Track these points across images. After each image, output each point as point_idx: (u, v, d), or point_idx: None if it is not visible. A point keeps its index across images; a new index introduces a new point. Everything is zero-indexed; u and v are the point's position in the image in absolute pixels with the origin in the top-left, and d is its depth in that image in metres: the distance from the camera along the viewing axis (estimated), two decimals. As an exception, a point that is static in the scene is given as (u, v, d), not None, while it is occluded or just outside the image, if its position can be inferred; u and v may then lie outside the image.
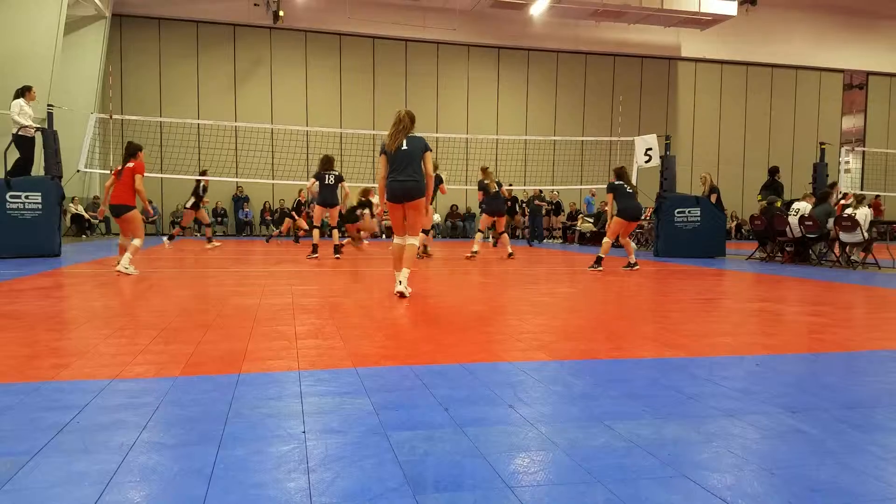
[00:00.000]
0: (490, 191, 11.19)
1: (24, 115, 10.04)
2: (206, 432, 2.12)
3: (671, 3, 21.19)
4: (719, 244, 12.57)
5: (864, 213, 10.16)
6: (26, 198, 9.65)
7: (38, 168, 11.01)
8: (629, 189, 9.12)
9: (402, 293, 5.64)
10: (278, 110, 21.72)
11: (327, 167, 10.55)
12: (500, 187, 11.38)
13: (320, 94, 22.23)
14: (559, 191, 20.67)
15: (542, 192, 19.04)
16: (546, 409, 2.47)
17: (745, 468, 1.89)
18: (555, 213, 20.25)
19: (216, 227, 20.65)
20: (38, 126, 10.38)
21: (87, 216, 18.42)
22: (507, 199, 15.78)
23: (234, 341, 3.64)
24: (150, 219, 20.56)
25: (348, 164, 16.19)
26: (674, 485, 1.76)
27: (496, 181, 11.37)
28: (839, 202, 12.11)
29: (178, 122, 16.70)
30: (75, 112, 14.31)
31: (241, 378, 2.82)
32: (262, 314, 4.61)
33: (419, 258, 10.93)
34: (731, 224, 23.66)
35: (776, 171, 13.06)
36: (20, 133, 10.04)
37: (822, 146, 13.67)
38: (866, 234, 10.07)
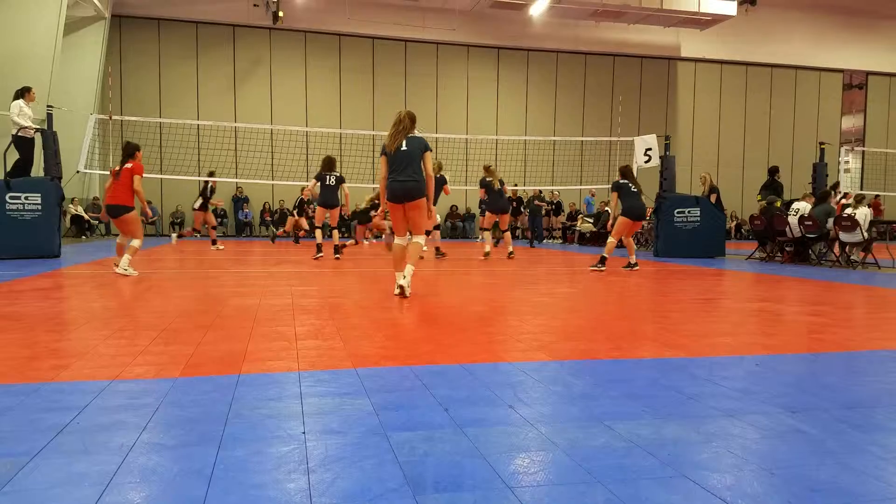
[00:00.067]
0: (493, 187, 11.17)
1: (24, 116, 10.03)
2: (206, 433, 2.12)
3: (671, 4, 21.21)
4: (719, 244, 12.57)
5: (863, 213, 10.16)
6: (26, 199, 9.65)
7: (37, 169, 11.00)
8: (634, 188, 9.04)
9: (403, 288, 5.64)
10: (278, 111, 21.72)
11: (328, 168, 10.54)
12: (502, 185, 11.37)
13: (320, 95, 22.23)
14: (559, 191, 20.67)
15: (541, 192, 19.05)
16: (546, 409, 2.47)
17: (745, 468, 1.89)
18: (555, 213, 20.25)
19: (204, 226, 20.59)
20: (38, 127, 10.37)
21: (86, 217, 18.42)
22: (513, 199, 15.86)
23: (234, 342, 3.63)
24: (150, 220, 20.57)
25: (348, 165, 16.19)
26: (674, 485, 1.76)
27: (499, 179, 11.35)
28: (840, 201, 12.11)
29: (177, 122, 16.71)
30: (75, 113, 14.31)
31: (240, 379, 2.82)
32: (261, 315, 4.61)
33: (438, 258, 10.97)
34: (731, 224, 23.67)
35: (776, 170, 13.07)
36: (20, 134, 10.04)
37: (822, 146, 13.67)
38: (866, 234, 10.07)
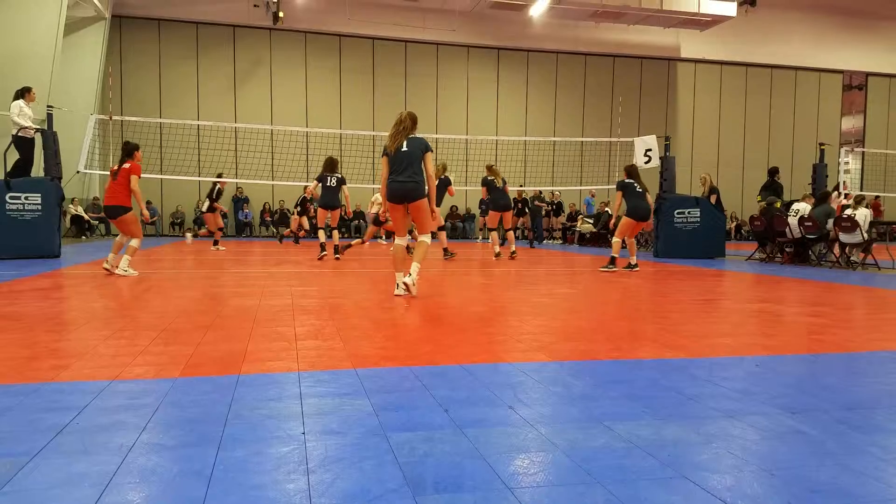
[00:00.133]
0: (496, 185, 11.15)
1: (24, 116, 10.03)
2: (206, 433, 2.12)
3: (670, 4, 21.21)
4: (719, 245, 12.57)
5: (863, 214, 10.16)
6: (26, 199, 9.65)
7: (37, 169, 11.01)
8: (639, 189, 8.96)
9: (408, 286, 5.65)
10: (278, 111, 21.73)
11: (330, 169, 10.54)
12: (504, 184, 11.36)
13: (320, 95, 22.24)
14: (559, 192, 20.67)
15: (541, 192, 19.05)
16: (546, 410, 2.47)
17: (745, 469, 1.89)
18: (555, 213, 20.25)
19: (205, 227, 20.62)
20: (38, 127, 10.38)
21: (86, 217, 18.41)
22: (518, 199, 15.87)
23: (234, 342, 3.63)
24: (150, 221, 20.56)
25: (348, 165, 16.20)
26: (674, 486, 1.76)
27: (502, 178, 11.34)
28: (842, 200, 12.10)
29: (177, 123, 16.72)
30: (75, 113, 14.32)
31: (240, 379, 2.81)
32: (261, 315, 4.61)
33: (447, 259, 10.99)
34: (731, 225, 23.67)
35: (776, 171, 13.07)
36: (20, 134, 10.04)
37: (822, 147, 13.68)
38: (866, 235, 10.07)
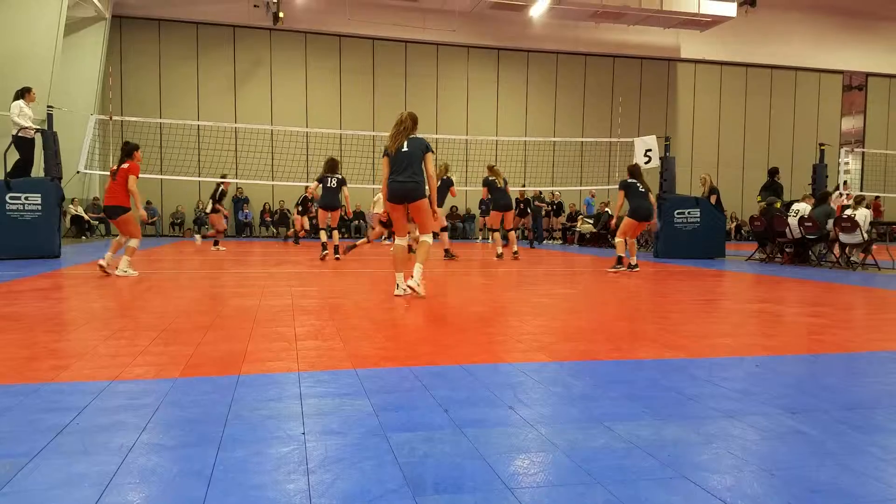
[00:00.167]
0: (497, 185, 11.15)
1: (24, 116, 10.03)
2: (206, 434, 2.12)
3: (670, 5, 21.21)
4: (719, 245, 12.57)
5: (863, 215, 10.16)
6: (26, 199, 9.66)
7: (37, 169, 11.01)
8: (642, 188, 8.91)
9: (413, 288, 5.68)
10: (278, 112, 21.73)
11: (330, 170, 10.53)
12: (505, 184, 11.36)
13: (320, 96, 22.23)
14: (560, 192, 20.67)
15: (541, 193, 19.04)
16: (546, 410, 2.47)
17: (745, 469, 1.89)
18: (555, 213, 20.26)
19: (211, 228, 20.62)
20: (38, 127, 10.38)
21: (86, 217, 18.42)
22: (521, 200, 15.88)
23: (234, 342, 3.63)
24: (150, 221, 20.58)
25: (348, 166, 16.20)
26: (674, 486, 1.76)
27: (503, 178, 11.34)
28: (843, 200, 12.09)
29: (177, 123, 16.72)
30: (75, 113, 14.32)
31: (240, 379, 2.81)
32: (261, 315, 4.61)
33: (447, 259, 10.97)
34: (731, 225, 23.67)
35: (776, 172, 13.07)
36: (20, 134, 10.04)
37: (822, 147, 13.68)
38: (866, 236, 10.07)
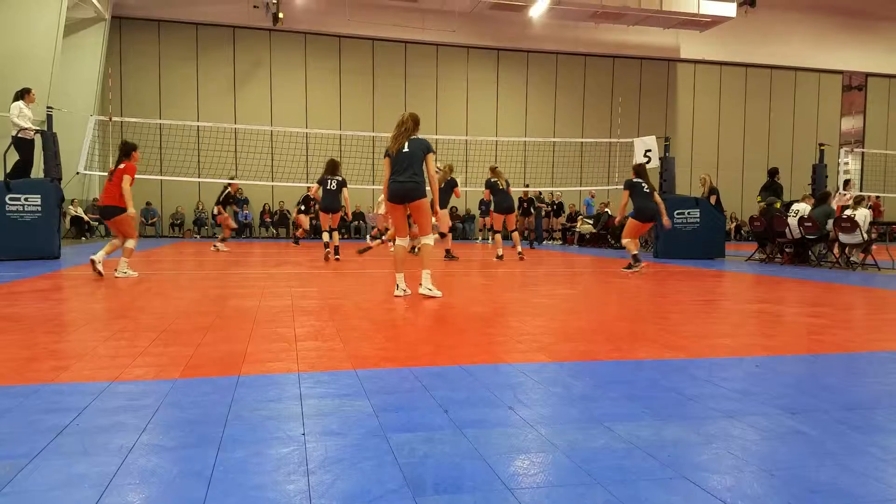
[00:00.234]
0: (499, 187, 11.15)
1: (24, 117, 10.03)
2: (206, 434, 2.12)
3: (670, 5, 21.22)
4: (719, 245, 12.57)
5: (863, 215, 10.16)
6: (26, 200, 9.65)
7: (37, 170, 11.01)
8: (647, 189, 8.78)
9: (428, 295, 5.78)
10: (278, 112, 21.73)
11: (331, 172, 10.52)
12: (507, 185, 11.36)
13: (320, 96, 22.24)
14: (560, 192, 20.68)
15: (541, 193, 19.05)
16: (546, 410, 2.47)
17: (745, 469, 1.89)
18: (555, 214, 20.28)
19: (214, 229, 20.65)
20: (38, 128, 10.38)
21: (86, 218, 18.42)
22: (524, 199, 15.87)
23: (234, 343, 3.63)
24: (150, 222, 20.58)
25: (348, 166, 16.19)
26: (674, 486, 1.76)
27: (505, 179, 11.34)
28: (847, 197, 12.08)
29: (177, 124, 16.72)
30: (75, 114, 14.32)
31: (240, 380, 2.81)
32: (261, 316, 4.61)
33: (447, 260, 10.96)
34: (731, 225, 23.68)
35: (776, 172, 13.07)
36: (20, 135, 10.04)
37: (822, 147, 13.69)
38: (866, 236, 10.07)
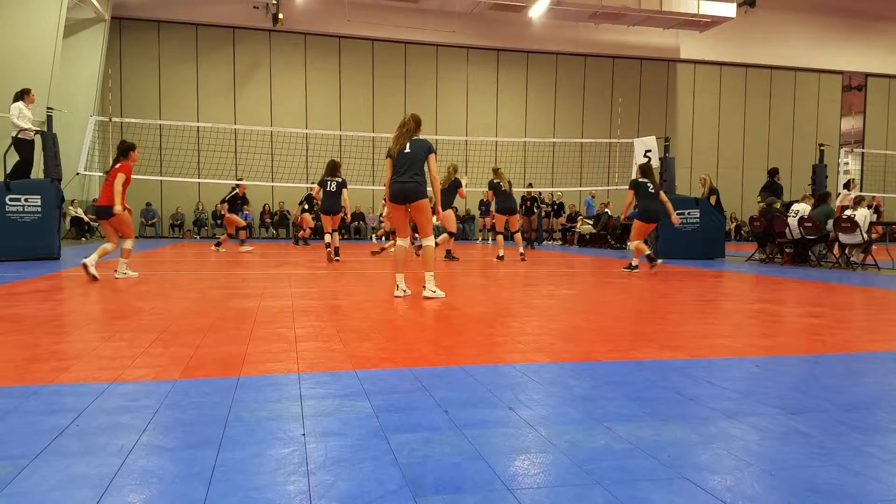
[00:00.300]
0: (502, 188, 11.15)
1: (24, 117, 10.03)
2: (206, 435, 2.12)
3: (670, 5, 21.23)
4: (719, 245, 12.58)
5: (863, 215, 10.16)
6: (26, 200, 9.66)
7: (37, 171, 11.01)
8: (652, 188, 8.67)
9: (432, 297, 5.77)
10: (278, 113, 21.73)
11: (331, 173, 10.50)
12: (510, 186, 11.36)
13: (319, 97, 22.24)
14: (561, 192, 20.68)
15: (541, 193, 19.05)
16: (546, 411, 2.47)
17: (746, 470, 1.89)
18: (556, 214, 20.27)
19: (214, 229, 20.67)
20: (38, 129, 10.38)
21: (86, 219, 18.43)
22: (528, 198, 15.84)
23: (234, 344, 3.63)
24: (150, 222, 20.59)
25: (348, 167, 16.22)
26: (674, 486, 1.76)
27: (507, 180, 11.34)
28: (852, 196, 12.07)
29: (177, 124, 16.74)
30: (75, 115, 14.33)
31: (240, 381, 2.81)
32: (261, 317, 4.61)
33: (446, 260, 10.95)
34: (731, 225, 23.69)
35: (775, 172, 13.08)
36: (19, 136, 10.04)
37: (822, 147, 13.70)
38: (865, 236, 10.07)
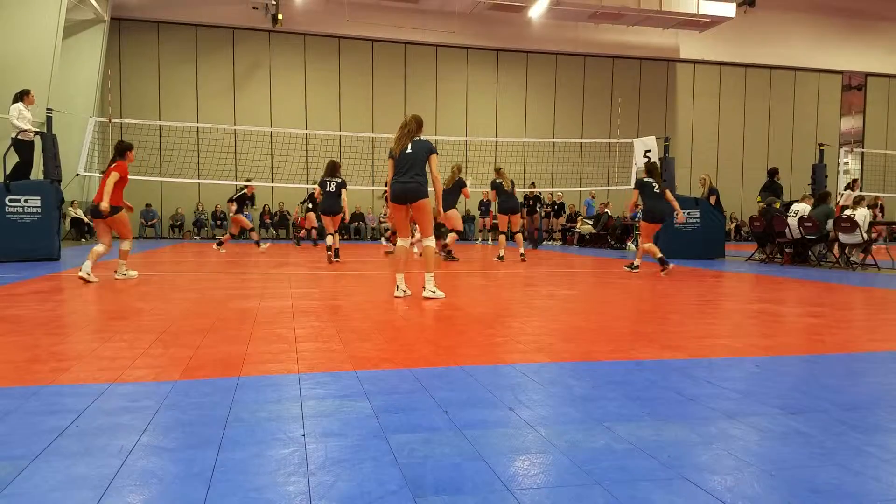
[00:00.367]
0: (504, 188, 11.15)
1: (23, 118, 10.03)
2: (206, 436, 2.12)
3: (669, 5, 21.23)
4: (718, 245, 12.58)
5: (863, 215, 10.16)
6: (25, 201, 9.66)
7: (37, 172, 11.01)
8: (657, 188, 8.59)
9: (432, 298, 5.76)
10: (277, 113, 21.73)
11: (331, 173, 10.49)
12: (512, 186, 11.36)
13: (319, 97, 22.24)
14: (561, 192, 20.68)
15: (541, 194, 19.05)
16: (546, 411, 2.46)
17: (746, 470, 1.89)
18: (556, 214, 20.27)
19: (214, 230, 20.67)
20: (38, 130, 10.39)
21: (86, 220, 18.42)
22: (530, 198, 15.83)
23: (234, 344, 3.63)
24: (150, 222, 20.59)
25: (347, 167, 16.20)
26: (674, 486, 1.76)
27: (510, 181, 11.34)
28: (853, 195, 12.06)
29: (177, 125, 16.74)
30: (74, 116, 14.33)
31: (240, 381, 2.81)
32: (261, 317, 4.61)
33: (446, 260, 10.93)
34: (731, 225, 23.69)
35: (775, 172, 13.08)
36: (19, 137, 10.04)
37: (821, 147, 13.70)
38: (865, 236, 10.07)
